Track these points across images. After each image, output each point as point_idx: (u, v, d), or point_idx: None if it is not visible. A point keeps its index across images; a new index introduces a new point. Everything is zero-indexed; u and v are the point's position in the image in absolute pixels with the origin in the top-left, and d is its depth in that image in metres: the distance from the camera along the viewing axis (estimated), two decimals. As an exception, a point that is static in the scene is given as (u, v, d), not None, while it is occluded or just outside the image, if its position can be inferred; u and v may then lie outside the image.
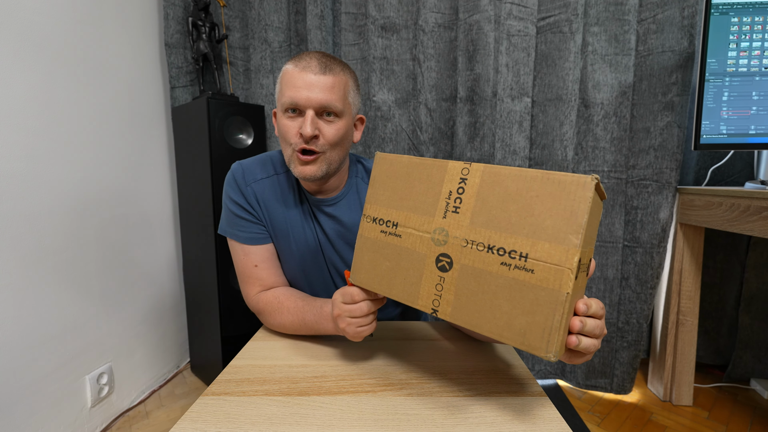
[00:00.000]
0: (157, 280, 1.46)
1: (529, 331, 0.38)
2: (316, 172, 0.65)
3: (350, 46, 1.43)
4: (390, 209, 0.49)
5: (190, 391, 1.42)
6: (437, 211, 0.45)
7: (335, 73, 0.63)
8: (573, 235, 0.36)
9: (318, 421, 0.46)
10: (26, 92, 0.98)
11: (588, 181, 0.36)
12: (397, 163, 0.50)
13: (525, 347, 0.38)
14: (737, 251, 1.46)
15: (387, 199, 0.50)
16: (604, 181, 1.34)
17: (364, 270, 0.52)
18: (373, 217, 0.51)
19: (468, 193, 0.43)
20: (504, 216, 0.40)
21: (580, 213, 0.36)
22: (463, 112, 1.37)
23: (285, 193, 0.74)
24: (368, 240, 0.51)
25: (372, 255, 0.51)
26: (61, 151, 1.07)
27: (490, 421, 0.46)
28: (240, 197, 0.72)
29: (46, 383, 1.03)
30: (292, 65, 0.63)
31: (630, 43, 1.27)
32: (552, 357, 0.37)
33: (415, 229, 0.47)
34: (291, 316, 0.67)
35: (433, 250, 0.45)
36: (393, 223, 0.49)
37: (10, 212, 0.94)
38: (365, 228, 0.52)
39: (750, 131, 1.16)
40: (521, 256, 0.39)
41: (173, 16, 1.44)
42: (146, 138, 1.40)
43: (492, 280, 0.40)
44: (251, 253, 0.73)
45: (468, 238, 0.42)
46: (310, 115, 0.62)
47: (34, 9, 1.00)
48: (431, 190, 0.46)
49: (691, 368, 1.31)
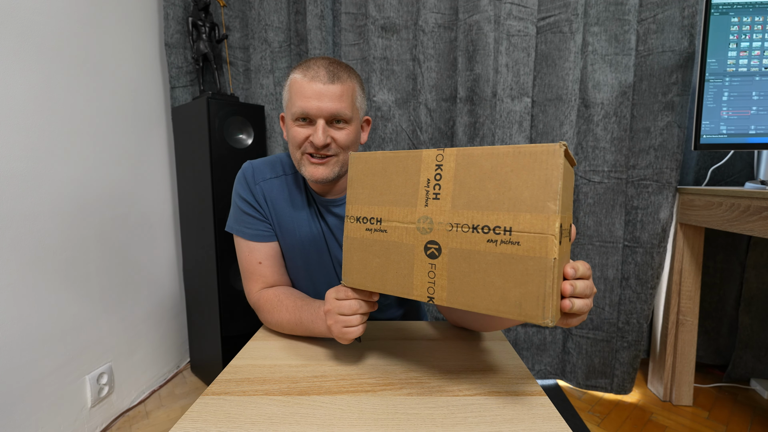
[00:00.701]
0: (157, 279, 1.46)
1: (524, 301, 0.39)
2: (329, 174, 0.66)
3: (350, 46, 1.43)
4: (371, 206, 0.50)
5: (190, 391, 1.42)
6: (418, 201, 0.46)
7: (343, 81, 0.64)
8: (551, 202, 0.38)
9: (318, 421, 0.46)
10: (26, 92, 0.98)
11: (557, 148, 0.38)
12: (371, 160, 0.51)
13: (523, 317, 0.39)
14: (737, 251, 1.46)
15: (367, 196, 0.51)
16: (605, 181, 1.34)
17: (355, 270, 0.52)
18: (356, 216, 0.52)
19: (445, 178, 0.44)
20: (483, 194, 0.42)
21: (554, 180, 0.38)
22: (463, 113, 1.37)
23: (293, 193, 0.75)
24: (355, 240, 0.52)
25: (361, 254, 0.51)
26: (61, 151, 1.07)
27: (489, 420, 0.46)
28: (249, 195, 0.74)
29: (46, 383, 1.03)
30: (300, 75, 0.64)
31: (630, 43, 1.27)
32: (549, 322, 0.38)
33: (399, 221, 0.48)
34: (289, 314, 0.67)
35: (420, 239, 0.46)
36: (377, 219, 0.50)
37: (10, 212, 0.94)
38: (350, 229, 0.53)
39: (750, 131, 1.16)
40: (506, 231, 0.40)
41: (173, 16, 1.44)
42: (146, 138, 1.40)
43: (481, 259, 0.41)
44: (256, 250, 0.74)
45: (452, 222, 0.43)
46: (321, 124, 0.63)
47: (34, 9, 1.00)
48: (409, 180, 0.47)
49: (691, 368, 1.31)
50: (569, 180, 0.42)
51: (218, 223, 1.30)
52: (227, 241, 1.33)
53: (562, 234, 0.39)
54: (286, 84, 0.68)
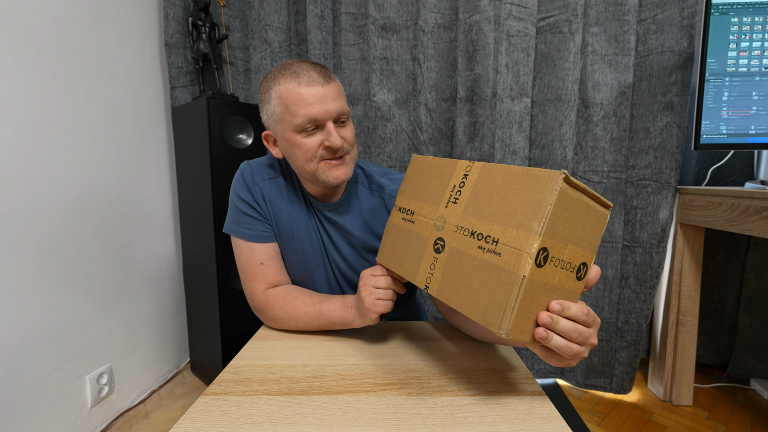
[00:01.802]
0: (157, 279, 1.46)
1: (489, 309, 0.41)
2: (349, 172, 0.67)
3: (350, 46, 1.43)
4: (411, 200, 0.58)
5: (190, 391, 1.42)
6: (442, 202, 0.52)
7: (333, 79, 0.65)
8: (535, 223, 0.39)
9: (318, 421, 0.46)
10: (26, 92, 0.98)
11: (555, 175, 0.39)
12: (423, 162, 0.59)
13: (485, 323, 0.41)
14: (737, 251, 1.46)
15: (411, 191, 0.59)
16: (604, 181, 1.34)
17: (386, 250, 0.61)
18: (399, 206, 0.60)
19: (467, 187, 0.49)
20: (488, 206, 0.45)
21: (544, 203, 0.39)
22: (463, 113, 1.37)
23: (290, 195, 0.75)
24: (393, 225, 0.61)
25: (393, 238, 0.60)
26: (61, 151, 1.07)
27: (489, 420, 0.46)
28: (248, 195, 0.73)
29: (46, 383, 1.03)
30: (293, 83, 0.61)
31: (630, 44, 1.27)
32: (503, 334, 0.39)
33: (424, 216, 0.54)
34: (306, 307, 0.68)
35: (433, 234, 0.51)
36: (410, 211, 0.57)
37: (10, 212, 0.94)
38: (394, 216, 0.61)
39: (750, 131, 1.16)
40: (494, 241, 0.43)
41: (173, 16, 1.44)
42: (146, 138, 1.40)
43: (469, 262, 0.45)
44: (257, 250, 0.74)
45: (459, 225, 0.48)
46: (331, 126, 0.63)
47: (34, 9, 1.00)
48: (442, 183, 0.53)
49: (691, 368, 1.31)
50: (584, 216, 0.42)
51: (218, 223, 1.30)
52: (227, 241, 1.32)
53: (552, 261, 0.40)
54: (271, 99, 0.64)
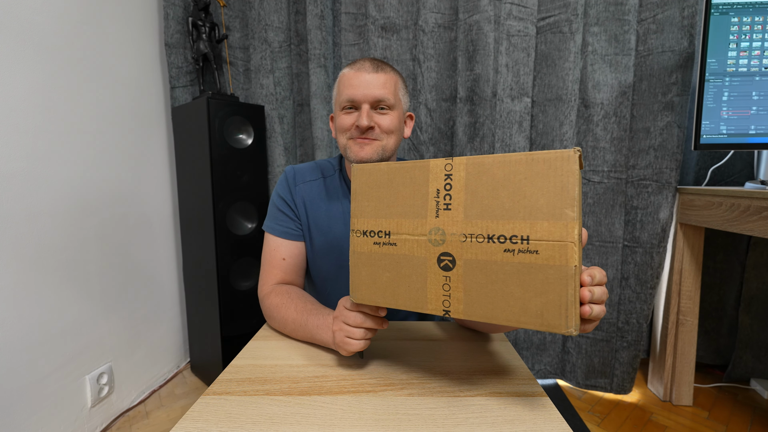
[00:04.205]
0: (157, 280, 1.46)
1: (546, 311, 0.39)
2: (372, 155, 0.70)
3: (350, 46, 1.43)
4: (379, 219, 0.49)
5: (190, 391, 1.42)
6: (428, 212, 0.45)
7: (386, 72, 0.71)
8: (568, 209, 0.37)
9: (319, 421, 0.46)
10: (26, 92, 0.98)
11: (571, 154, 0.37)
12: (376, 171, 0.49)
13: (544, 327, 0.39)
14: (737, 251, 1.46)
15: (373, 209, 0.49)
16: (604, 180, 1.34)
17: (364, 286, 0.50)
18: (362, 230, 0.50)
19: (456, 188, 0.43)
20: (497, 203, 0.41)
21: (570, 186, 0.37)
22: (463, 113, 1.37)
23: (330, 192, 0.80)
24: (362, 255, 0.50)
25: (369, 269, 0.49)
26: (61, 151, 1.07)
27: (490, 421, 0.46)
28: (287, 194, 0.79)
29: (46, 383, 1.03)
30: (348, 69, 0.72)
31: (630, 43, 1.27)
32: (573, 331, 0.37)
33: (409, 234, 0.46)
34: (296, 314, 0.67)
35: (432, 251, 0.45)
36: (385, 233, 0.48)
37: (10, 212, 0.94)
38: (356, 243, 0.51)
39: (750, 131, 1.16)
40: (523, 240, 0.39)
41: (173, 16, 1.44)
42: (146, 138, 1.40)
43: (499, 269, 0.41)
44: (282, 246, 0.78)
45: (465, 233, 0.43)
46: (366, 108, 0.69)
47: (34, 9, 1.00)
48: (417, 192, 0.46)
49: (691, 368, 1.31)
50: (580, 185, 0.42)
51: (218, 223, 1.30)
52: (227, 241, 1.33)
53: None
54: (336, 83, 0.75)
